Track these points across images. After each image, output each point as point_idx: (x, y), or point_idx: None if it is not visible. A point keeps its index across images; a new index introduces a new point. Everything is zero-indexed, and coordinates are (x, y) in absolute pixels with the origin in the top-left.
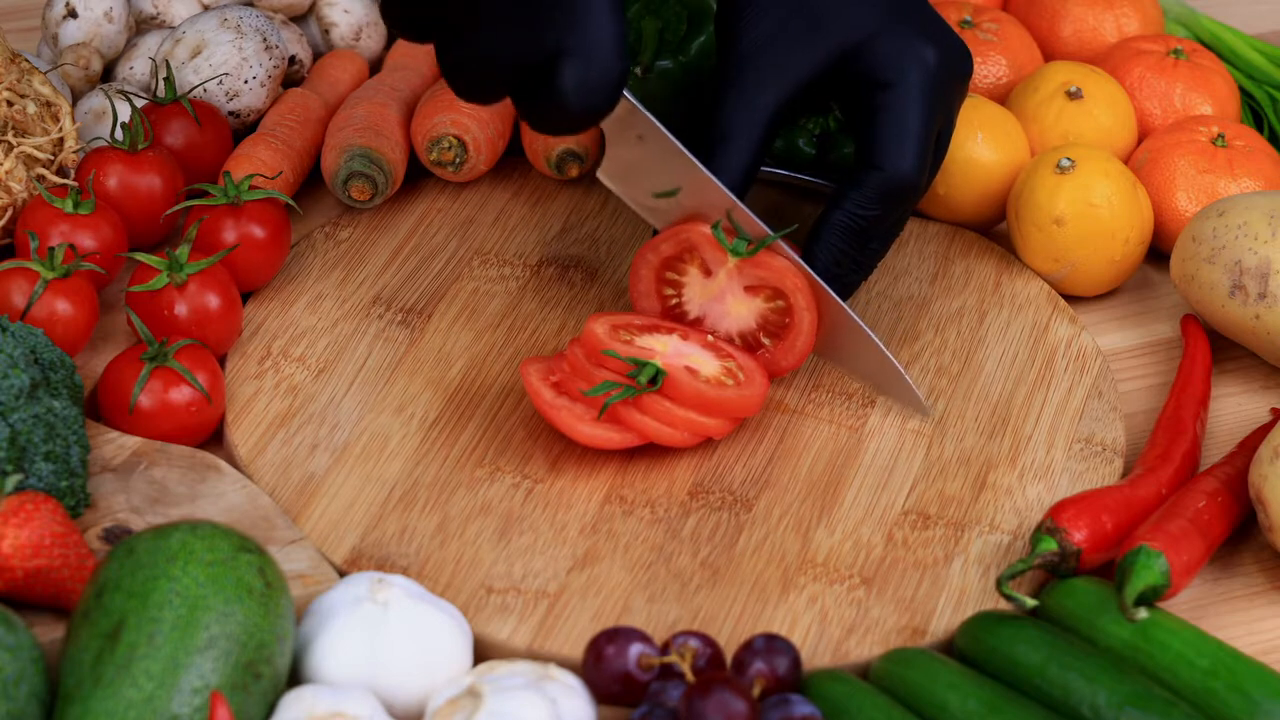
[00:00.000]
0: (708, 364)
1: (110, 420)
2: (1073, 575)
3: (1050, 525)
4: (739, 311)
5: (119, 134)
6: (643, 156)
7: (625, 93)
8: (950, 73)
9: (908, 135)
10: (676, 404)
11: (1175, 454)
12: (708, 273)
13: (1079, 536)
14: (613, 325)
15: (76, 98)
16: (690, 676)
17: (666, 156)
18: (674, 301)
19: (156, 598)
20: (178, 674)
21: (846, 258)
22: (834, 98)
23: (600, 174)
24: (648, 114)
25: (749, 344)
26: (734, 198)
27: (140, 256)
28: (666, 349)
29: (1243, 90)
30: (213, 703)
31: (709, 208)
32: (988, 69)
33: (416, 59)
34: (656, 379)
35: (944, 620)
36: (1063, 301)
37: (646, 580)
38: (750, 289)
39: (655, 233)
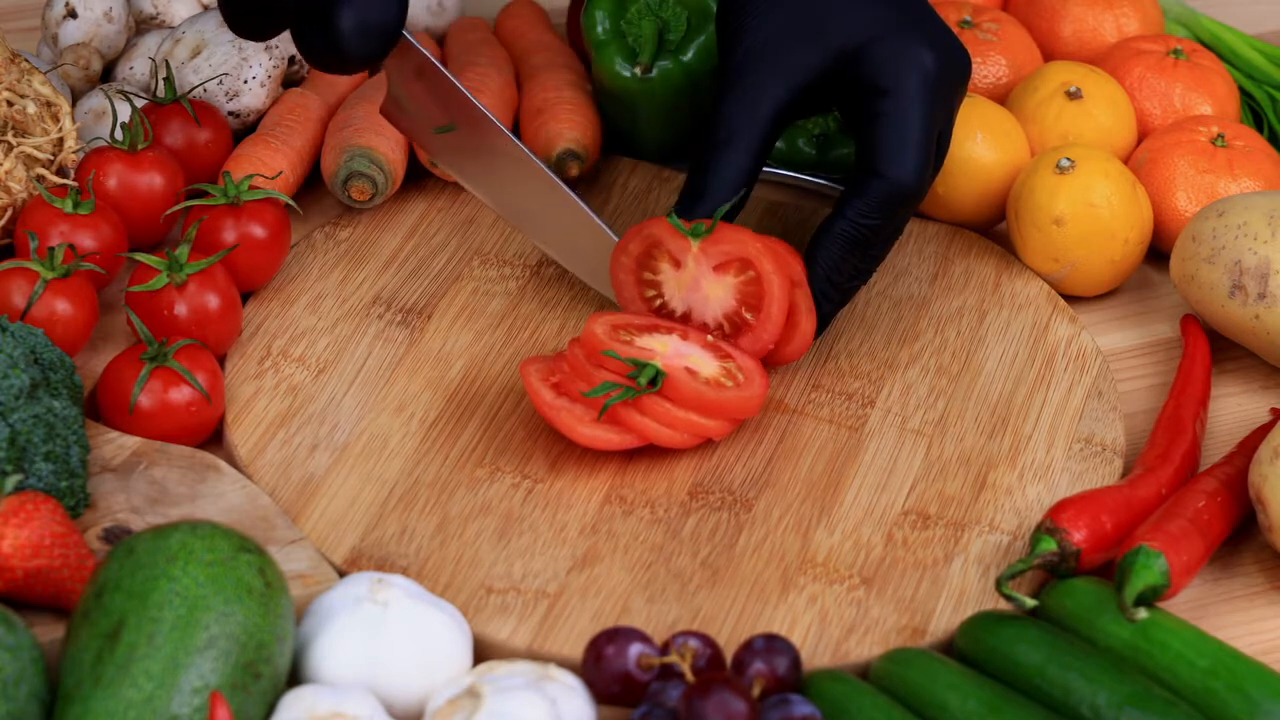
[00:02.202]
0: (708, 365)
1: (110, 420)
2: (1072, 575)
3: (1050, 525)
4: (717, 294)
5: (119, 134)
6: (420, 93)
7: (404, 32)
8: (950, 77)
9: (908, 141)
10: (676, 405)
11: (1175, 454)
12: (677, 264)
13: (1079, 536)
14: (613, 325)
15: (76, 98)
16: (690, 676)
17: (443, 92)
18: (658, 302)
19: (156, 598)
20: (177, 674)
21: (848, 265)
22: (834, 101)
23: (381, 111)
24: (425, 51)
25: (736, 326)
26: (508, 133)
27: (140, 256)
28: (666, 349)
29: (1243, 90)
30: (212, 703)
31: (486, 141)
32: (988, 69)
33: None
34: (656, 380)
35: (944, 620)
36: (1063, 301)
37: (646, 580)
38: (719, 267)
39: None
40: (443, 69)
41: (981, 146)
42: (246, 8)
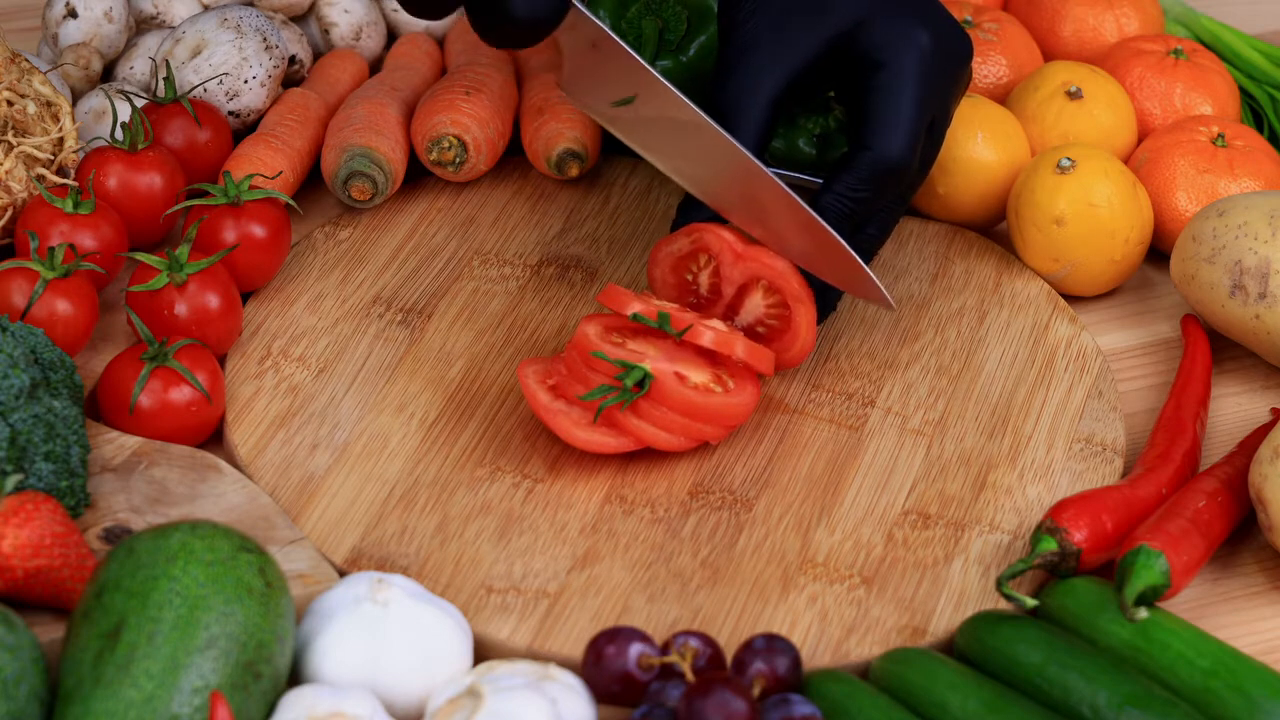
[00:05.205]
0: (697, 370)
1: (110, 420)
2: (1073, 575)
3: (1050, 525)
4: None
5: (119, 134)
6: (597, 65)
7: (575, 1)
8: (946, 57)
9: (899, 115)
10: (664, 409)
11: (1175, 454)
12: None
13: (1079, 536)
14: (605, 327)
15: (76, 98)
16: (690, 676)
17: (620, 64)
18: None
19: (156, 597)
20: (178, 674)
21: None
22: (832, 82)
23: (560, 86)
24: (598, 21)
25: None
26: (689, 103)
27: (140, 256)
28: (658, 353)
29: (1243, 90)
30: (213, 702)
31: (667, 114)
32: (988, 69)
33: (417, 59)
34: (644, 382)
35: (944, 620)
36: (1063, 301)
37: (646, 580)
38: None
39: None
40: (617, 39)
41: (981, 146)
42: None
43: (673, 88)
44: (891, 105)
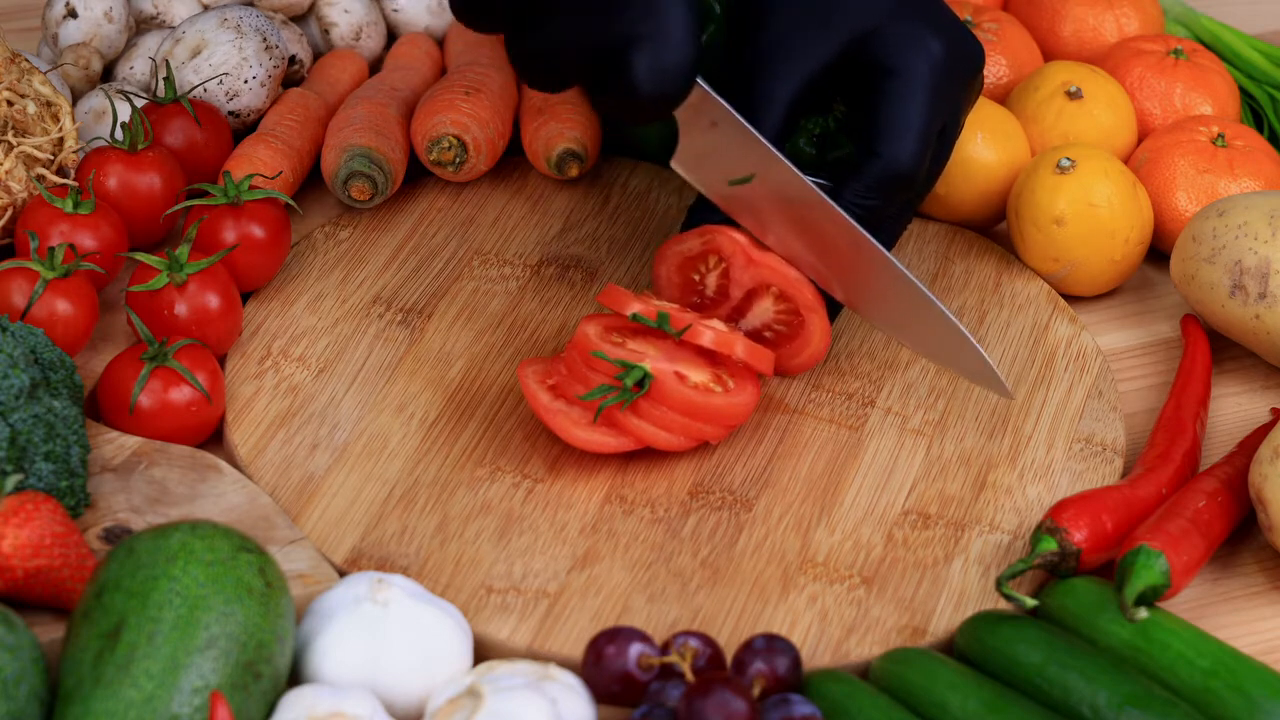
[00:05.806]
0: (697, 370)
1: (110, 420)
2: (1073, 575)
3: (1050, 525)
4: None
5: (119, 134)
6: (716, 143)
7: (698, 79)
8: (957, 66)
9: (908, 122)
10: (664, 409)
11: (1175, 454)
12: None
13: (1079, 536)
14: (605, 327)
15: (76, 98)
16: (690, 676)
17: (740, 143)
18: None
19: (156, 597)
20: (178, 674)
21: None
22: (843, 88)
23: (674, 163)
24: (721, 100)
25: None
26: (809, 182)
27: (140, 256)
28: (658, 353)
29: (1243, 90)
30: (213, 702)
31: (784, 194)
32: (988, 69)
33: (417, 59)
34: (644, 382)
35: (944, 620)
36: (1063, 301)
37: (646, 580)
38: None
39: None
40: (739, 118)
41: (981, 146)
42: (540, 59)
43: (794, 167)
44: (902, 112)
